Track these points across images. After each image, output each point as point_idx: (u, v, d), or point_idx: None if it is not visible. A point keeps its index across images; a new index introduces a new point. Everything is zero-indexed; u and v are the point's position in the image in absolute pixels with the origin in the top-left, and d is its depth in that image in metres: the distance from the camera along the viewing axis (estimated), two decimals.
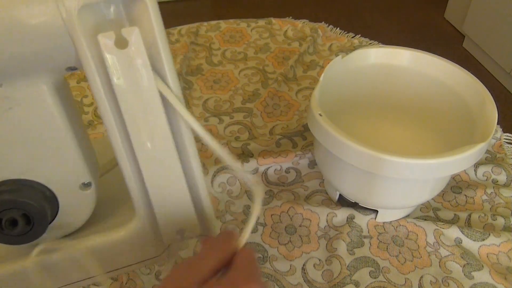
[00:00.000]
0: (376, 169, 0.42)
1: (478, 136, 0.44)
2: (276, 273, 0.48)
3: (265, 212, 0.54)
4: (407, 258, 0.49)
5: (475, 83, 0.50)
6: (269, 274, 0.48)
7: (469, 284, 0.46)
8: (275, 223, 0.53)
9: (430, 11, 2.13)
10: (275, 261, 0.49)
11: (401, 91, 0.58)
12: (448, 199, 0.56)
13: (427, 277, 0.47)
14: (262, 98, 0.71)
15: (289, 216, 0.53)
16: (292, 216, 0.53)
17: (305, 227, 0.52)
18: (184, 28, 0.89)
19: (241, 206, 0.55)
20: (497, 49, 1.62)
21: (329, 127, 0.43)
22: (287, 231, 0.52)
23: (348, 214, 0.53)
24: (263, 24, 0.91)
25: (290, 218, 0.53)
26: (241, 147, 0.62)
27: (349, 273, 0.48)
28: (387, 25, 2.03)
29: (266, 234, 0.52)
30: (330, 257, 0.49)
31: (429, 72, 0.55)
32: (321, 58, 0.81)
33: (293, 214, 0.53)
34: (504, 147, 0.62)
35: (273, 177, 0.59)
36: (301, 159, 0.60)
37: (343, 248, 0.50)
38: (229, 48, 0.84)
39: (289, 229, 0.52)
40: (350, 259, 0.49)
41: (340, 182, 0.50)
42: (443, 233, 0.50)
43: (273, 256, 0.50)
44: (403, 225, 0.52)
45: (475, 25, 1.73)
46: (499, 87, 1.65)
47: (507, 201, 0.55)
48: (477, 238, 0.50)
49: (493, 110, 0.46)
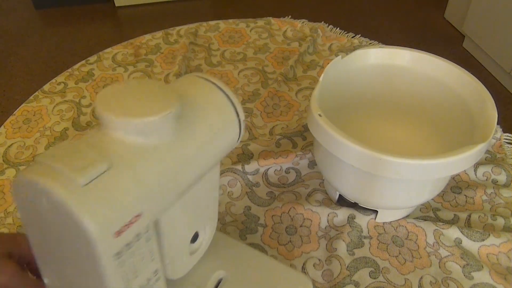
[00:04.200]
0: (376, 169, 0.42)
1: (478, 136, 0.44)
2: None
3: (266, 213, 0.54)
4: (407, 258, 0.49)
5: (475, 83, 0.50)
6: None
7: (469, 285, 0.46)
8: (276, 224, 0.53)
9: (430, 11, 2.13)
10: None
11: (401, 91, 0.58)
12: (448, 199, 0.56)
13: (427, 278, 0.47)
14: (262, 98, 0.71)
15: (290, 216, 0.53)
16: (293, 217, 0.53)
17: (305, 227, 0.52)
18: (183, 28, 0.89)
19: (242, 208, 0.55)
20: (497, 49, 1.62)
21: (328, 127, 0.43)
22: (287, 231, 0.52)
23: (349, 214, 0.52)
24: (262, 24, 0.91)
25: (291, 219, 0.53)
26: (241, 147, 0.62)
27: (348, 273, 0.48)
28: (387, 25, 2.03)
29: (266, 235, 0.52)
30: (330, 257, 0.49)
31: (429, 72, 0.55)
32: (321, 58, 0.81)
33: (294, 214, 0.53)
34: (504, 147, 0.62)
35: (273, 177, 0.59)
36: (301, 160, 0.60)
37: (343, 249, 0.50)
38: (228, 49, 0.84)
39: (289, 230, 0.52)
40: (350, 260, 0.49)
41: (340, 182, 0.50)
42: (443, 233, 0.50)
43: (273, 257, 0.49)
44: (403, 225, 0.52)
45: (475, 25, 1.73)
46: (499, 87, 1.64)
47: (507, 201, 0.55)
48: (477, 239, 0.49)
49: (493, 110, 0.46)
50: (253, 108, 0.70)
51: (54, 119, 0.69)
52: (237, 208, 0.55)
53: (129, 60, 0.81)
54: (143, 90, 0.30)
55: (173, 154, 0.30)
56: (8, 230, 0.53)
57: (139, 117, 0.27)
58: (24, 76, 1.78)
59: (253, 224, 0.53)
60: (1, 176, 0.60)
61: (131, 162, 0.27)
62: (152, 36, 0.87)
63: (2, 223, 0.54)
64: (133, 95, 0.29)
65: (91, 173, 0.25)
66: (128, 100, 0.29)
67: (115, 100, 0.29)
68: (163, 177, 0.29)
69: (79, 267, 0.28)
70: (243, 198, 0.56)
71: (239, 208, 0.55)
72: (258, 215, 0.54)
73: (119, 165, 0.27)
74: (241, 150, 0.62)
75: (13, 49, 1.94)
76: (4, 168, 0.61)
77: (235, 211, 0.55)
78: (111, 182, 0.26)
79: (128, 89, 0.30)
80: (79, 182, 0.25)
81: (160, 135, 0.29)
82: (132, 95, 0.29)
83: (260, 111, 0.70)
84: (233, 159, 0.61)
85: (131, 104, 0.28)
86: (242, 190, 0.57)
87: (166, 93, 0.30)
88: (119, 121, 0.27)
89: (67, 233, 0.26)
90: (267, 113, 0.69)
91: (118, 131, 0.28)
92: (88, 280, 0.28)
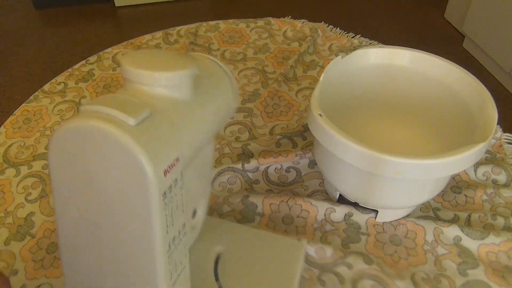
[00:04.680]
0: (376, 169, 0.42)
1: (478, 136, 0.44)
2: None
3: (264, 201, 0.54)
4: (401, 256, 0.49)
5: (475, 83, 0.50)
6: None
7: (461, 281, 0.46)
8: (273, 213, 0.53)
9: (430, 11, 2.13)
10: None
11: (401, 91, 0.58)
12: (448, 199, 0.56)
13: (420, 274, 0.47)
14: (262, 98, 0.71)
15: (288, 206, 0.53)
16: (291, 207, 0.53)
17: (302, 218, 0.52)
18: (183, 28, 0.89)
19: (240, 196, 0.55)
20: (497, 49, 1.62)
21: (329, 127, 0.43)
22: (284, 221, 0.52)
23: (347, 211, 0.53)
24: (262, 24, 0.91)
25: (288, 208, 0.53)
26: (242, 147, 0.62)
27: (342, 255, 0.48)
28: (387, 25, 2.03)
29: (263, 223, 0.52)
30: (324, 246, 0.49)
31: (429, 72, 0.55)
32: (321, 58, 0.81)
33: (293, 204, 0.53)
34: (504, 147, 0.62)
35: (273, 175, 0.59)
36: (301, 159, 0.60)
37: (337, 243, 0.50)
38: (228, 49, 0.84)
39: (286, 219, 0.52)
40: (344, 251, 0.49)
41: (340, 182, 0.50)
42: (443, 231, 0.50)
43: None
44: (403, 224, 0.52)
45: (475, 25, 1.73)
46: (499, 87, 1.65)
47: (507, 201, 0.55)
48: (477, 237, 0.50)
49: (493, 110, 0.46)
50: (253, 108, 0.70)
51: (54, 119, 0.69)
52: (234, 197, 0.55)
53: None
54: (162, 55, 0.34)
55: (194, 110, 0.33)
56: (8, 230, 0.53)
57: (168, 71, 0.31)
58: (24, 76, 1.78)
59: (250, 213, 0.53)
60: (1, 175, 0.60)
61: (166, 110, 0.30)
62: (152, 36, 0.87)
63: (2, 222, 0.54)
64: (155, 58, 0.33)
65: (140, 116, 0.28)
66: (153, 60, 0.32)
67: (141, 61, 0.32)
68: (192, 125, 0.33)
69: (125, 214, 0.29)
70: (242, 193, 0.56)
71: (237, 197, 0.55)
72: (256, 203, 0.54)
73: (157, 112, 0.29)
74: (241, 149, 0.62)
75: (13, 49, 1.94)
76: (4, 168, 0.61)
77: (232, 200, 0.55)
78: (155, 125, 0.29)
79: (149, 54, 0.34)
80: (131, 123, 0.27)
81: (182, 90, 0.32)
82: (154, 58, 0.33)
83: (260, 111, 0.70)
84: (233, 158, 0.61)
85: (157, 64, 0.32)
86: (241, 187, 0.57)
87: (185, 57, 0.34)
88: (149, 76, 0.30)
89: (117, 176, 0.28)
90: (267, 113, 0.69)
91: (149, 86, 0.31)
92: (134, 226, 0.29)
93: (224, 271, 0.45)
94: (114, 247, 0.30)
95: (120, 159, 0.26)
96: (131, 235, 0.29)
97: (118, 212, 0.29)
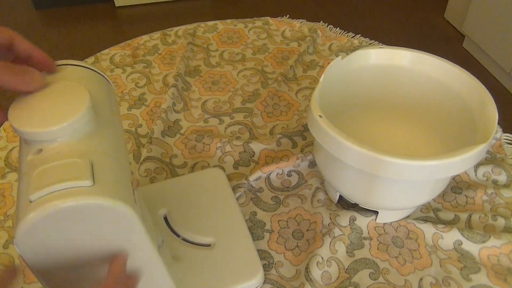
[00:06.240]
0: (377, 170, 0.42)
1: (478, 137, 0.44)
2: (282, 279, 0.48)
3: (272, 218, 0.54)
4: (406, 259, 0.49)
5: (475, 83, 0.50)
6: (274, 281, 0.48)
7: (467, 286, 0.46)
8: (282, 229, 0.53)
9: (430, 11, 2.12)
10: (281, 267, 0.49)
11: (402, 91, 0.58)
12: (448, 200, 0.55)
13: (427, 279, 0.47)
14: (262, 98, 0.71)
15: (296, 221, 0.54)
16: (299, 222, 0.53)
17: (312, 231, 0.52)
18: (181, 29, 0.89)
19: (247, 214, 0.55)
20: (497, 49, 1.62)
21: (329, 128, 0.43)
22: (294, 236, 0.52)
23: (350, 216, 0.52)
24: (260, 24, 0.90)
25: (297, 224, 0.53)
26: (243, 145, 0.62)
27: (348, 276, 0.48)
28: (387, 25, 2.03)
29: (273, 240, 0.52)
30: (331, 259, 0.49)
31: (429, 72, 0.54)
32: (321, 58, 0.81)
33: (301, 220, 0.54)
34: (504, 147, 0.62)
35: (276, 181, 0.59)
36: (302, 161, 0.60)
37: (342, 251, 0.50)
38: (227, 49, 0.84)
39: (296, 234, 0.52)
40: (350, 261, 0.49)
41: (340, 183, 0.50)
42: (442, 236, 0.50)
43: (279, 263, 0.50)
44: (403, 225, 0.52)
45: (475, 25, 1.72)
46: (499, 87, 1.64)
47: (507, 202, 0.55)
48: (478, 241, 0.49)
49: (493, 111, 0.45)
50: (254, 108, 0.70)
51: None
52: (243, 215, 0.54)
53: (127, 61, 0.81)
54: (49, 99, 0.32)
55: (108, 127, 0.34)
56: (8, 233, 0.53)
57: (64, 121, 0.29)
58: None
59: (259, 230, 0.53)
60: (2, 180, 0.60)
61: (92, 151, 0.31)
62: (149, 37, 0.87)
63: (2, 225, 0.54)
64: (44, 106, 0.31)
65: (89, 173, 0.28)
66: (43, 111, 0.30)
67: (32, 117, 0.30)
68: (116, 140, 0.35)
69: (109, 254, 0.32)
70: (248, 204, 0.56)
71: (245, 214, 0.55)
72: (264, 220, 0.54)
73: (89, 157, 0.30)
74: (243, 148, 0.62)
75: None
76: (5, 172, 0.61)
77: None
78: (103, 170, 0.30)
79: (36, 105, 0.31)
80: (89, 184, 0.28)
81: (89, 125, 0.31)
82: (42, 106, 0.31)
83: (260, 111, 0.69)
84: (235, 157, 0.61)
85: (49, 114, 0.30)
86: (246, 197, 0.57)
87: (73, 94, 0.32)
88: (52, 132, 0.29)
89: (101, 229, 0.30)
90: (267, 113, 0.69)
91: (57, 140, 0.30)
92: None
93: (177, 225, 0.51)
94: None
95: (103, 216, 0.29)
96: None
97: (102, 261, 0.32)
